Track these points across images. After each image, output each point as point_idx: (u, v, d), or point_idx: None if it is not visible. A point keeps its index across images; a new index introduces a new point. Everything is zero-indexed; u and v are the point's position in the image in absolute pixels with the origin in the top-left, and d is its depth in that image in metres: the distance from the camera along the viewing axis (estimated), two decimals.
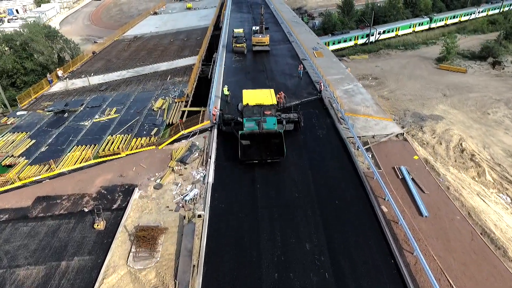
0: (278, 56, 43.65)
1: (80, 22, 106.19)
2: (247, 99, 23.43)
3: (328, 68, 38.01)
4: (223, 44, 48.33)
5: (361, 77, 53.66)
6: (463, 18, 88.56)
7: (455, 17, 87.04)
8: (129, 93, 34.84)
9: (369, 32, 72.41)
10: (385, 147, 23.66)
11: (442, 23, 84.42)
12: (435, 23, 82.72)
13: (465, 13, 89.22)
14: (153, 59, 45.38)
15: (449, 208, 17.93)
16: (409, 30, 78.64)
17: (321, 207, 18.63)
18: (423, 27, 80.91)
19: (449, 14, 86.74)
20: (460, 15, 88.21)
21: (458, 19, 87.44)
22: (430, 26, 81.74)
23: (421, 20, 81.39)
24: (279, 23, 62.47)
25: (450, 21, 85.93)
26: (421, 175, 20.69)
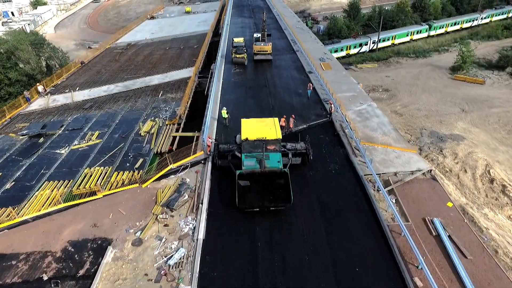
0: (282, 68, 39.88)
1: (76, 26, 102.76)
2: (247, 132, 19.62)
3: (338, 83, 34.21)
4: (222, 53, 44.60)
5: (371, 88, 49.81)
6: (465, 25, 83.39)
7: (456, 23, 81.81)
8: (115, 112, 31.14)
9: (377, 38, 68.56)
10: (410, 189, 19.84)
11: (442, 31, 79.37)
12: (435, 30, 77.67)
13: (466, 19, 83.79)
14: (145, 70, 41.69)
15: (503, 285, 14.11)
16: (406, 38, 73.60)
17: (338, 275, 14.86)
18: (421, 35, 75.84)
19: (450, 21, 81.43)
20: (462, 22, 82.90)
21: (459, 26, 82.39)
22: (429, 33, 76.84)
23: (419, 27, 76.15)
24: (283, 30, 58.71)
25: (451, 28, 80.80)
26: (459, 230, 16.87)
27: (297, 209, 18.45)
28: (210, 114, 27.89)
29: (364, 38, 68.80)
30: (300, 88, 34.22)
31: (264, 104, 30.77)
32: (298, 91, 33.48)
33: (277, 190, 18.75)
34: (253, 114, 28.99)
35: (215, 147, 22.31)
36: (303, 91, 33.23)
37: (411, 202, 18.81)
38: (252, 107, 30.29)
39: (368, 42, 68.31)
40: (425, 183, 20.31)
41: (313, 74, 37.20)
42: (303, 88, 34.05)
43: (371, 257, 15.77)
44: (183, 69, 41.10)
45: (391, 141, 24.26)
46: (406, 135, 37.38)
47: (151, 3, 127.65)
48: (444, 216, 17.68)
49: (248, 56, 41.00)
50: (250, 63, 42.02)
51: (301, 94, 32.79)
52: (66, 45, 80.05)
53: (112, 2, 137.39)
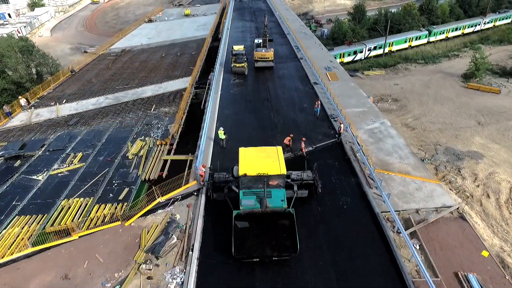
0: (285, 78, 37.08)
1: (73, 28, 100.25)
2: (246, 165, 16.75)
3: (346, 97, 31.39)
4: (221, 61, 41.82)
5: (379, 98, 46.95)
6: (467, 30, 79.41)
7: (458, 29, 77.80)
8: (102, 129, 28.41)
9: (384, 42, 65.64)
10: (437, 231, 17.00)
11: (442, 36, 75.31)
12: (435, 36, 73.55)
13: (469, 24, 79.72)
14: (138, 80, 38.98)
15: None
16: (405, 45, 69.62)
17: None
18: (420, 41, 71.77)
19: (451, 26, 77.37)
20: (463, 27, 78.81)
21: (461, 31, 78.44)
22: (429, 39, 72.81)
23: (418, 33, 71.87)
24: (285, 34, 55.93)
25: (452, 33, 76.77)
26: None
27: (304, 257, 15.68)
28: (206, 134, 25.10)
29: (359, 45, 64.73)
30: (305, 101, 31.45)
31: (266, 121, 27.98)
32: (303, 106, 30.68)
33: (280, 234, 15.99)
34: (253, 133, 26.32)
35: (209, 177, 19.54)
36: (308, 106, 30.45)
37: (439, 249, 15.98)
38: (252, 124, 27.53)
39: (363, 50, 64.32)
40: (453, 224, 17.46)
41: (318, 85, 34.38)
42: (308, 102, 31.30)
43: None
44: (179, 78, 38.37)
45: (409, 169, 21.41)
46: (419, 152, 34.52)
47: (151, 5, 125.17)
48: (480, 270, 14.86)
49: (248, 64, 38.30)
50: (251, 71, 39.30)
51: (306, 109, 30.00)
52: (62, 49, 77.70)
53: (111, 4, 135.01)
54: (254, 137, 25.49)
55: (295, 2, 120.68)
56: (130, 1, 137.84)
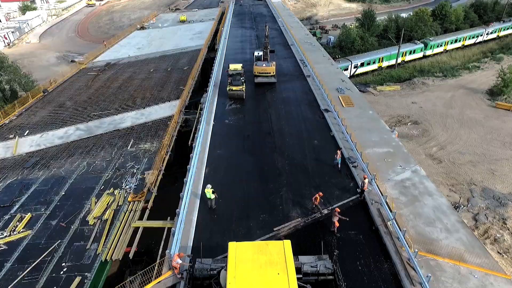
0: (290, 103, 31.47)
1: (64, 34, 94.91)
2: (237, 282, 11.08)
3: (365, 130, 25.78)
4: (215, 80, 36.25)
5: (397, 120, 41.28)
6: (468, 42, 71.94)
7: (458, 40, 70.11)
8: (64, 176, 22.85)
9: (398, 52, 59.95)
10: None
11: (440, 49, 67.47)
12: (431, 49, 65.72)
13: (470, 35, 72.15)
14: (119, 103, 33.45)
15: None
16: (398, 60, 61.67)
17: None
18: (415, 56, 63.85)
19: (449, 37, 69.14)
20: (464, 38, 71.14)
21: (461, 43, 70.92)
22: (424, 53, 65.13)
23: (413, 46, 63.69)
24: (289, 45, 50.37)
25: (451, 46, 69.05)
26: None
27: None
28: (190, 190, 19.49)
29: (343, 62, 56.54)
30: (316, 136, 25.86)
31: (268, 167, 22.35)
32: (313, 143, 25.07)
33: None
34: (252, 185, 20.71)
35: (188, 269, 13.99)
36: (320, 143, 24.90)
37: None
38: (251, 173, 21.91)
39: (348, 67, 56.37)
40: None
41: (330, 113, 28.77)
42: (320, 137, 25.73)
43: None
44: (166, 102, 32.79)
45: (461, 249, 15.76)
46: (451, 193, 28.83)
47: (148, 8, 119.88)
48: None
49: (247, 82, 32.77)
50: (251, 90, 33.84)
51: (317, 148, 24.40)
52: (47, 58, 72.32)
53: (107, 7, 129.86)
54: (252, 194, 19.90)
55: (298, 5, 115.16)
56: (126, 4, 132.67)
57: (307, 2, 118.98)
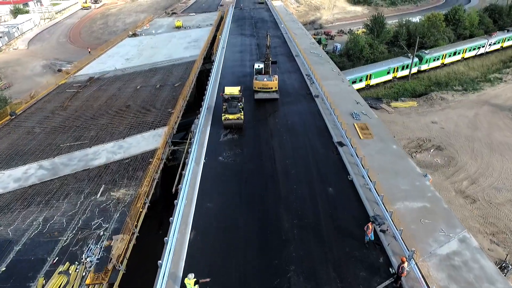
0: (297, 132, 26.48)
1: (55, 39, 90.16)
2: None
3: (390, 173, 20.85)
4: (209, 103, 31.32)
5: (417, 144, 36.27)
6: (468, 54, 64.08)
7: (457, 53, 62.04)
8: (13, 237, 17.95)
9: (411, 61, 54.90)
10: None
11: (437, 63, 59.65)
12: (427, 63, 58.13)
13: (471, 47, 63.97)
14: (96, 130, 28.56)
15: None
16: (388, 76, 54.08)
17: None
18: (407, 72, 55.74)
19: (447, 50, 60.71)
20: (464, 51, 62.95)
21: (461, 56, 63.05)
22: (419, 68, 57.55)
23: (405, 61, 55.23)
24: (293, 56, 45.44)
25: (449, 59, 61.25)
26: None
27: None
28: (167, 275, 14.55)
29: None
30: (330, 180, 20.98)
31: (272, 229, 17.39)
32: (327, 190, 20.11)
33: None
34: (250, 257, 15.76)
35: None
36: (336, 189, 19.98)
37: None
38: (248, 237, 16.98)
39: None
40: None
41: (346, 148, 23.81)
42: (335, 181, 20.93)
43: None
44: (150, 130, 27.86)
45: None
46: (493, 247, 23.80)
47: (144, 11, 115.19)
48: None
49: (247, 95, 28.05)
50: (250, 113, 28.93)
51: (333, 197, 19.43)
52: (33, 67, 67.47)
53: (102, 10, 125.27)
54: (249, 277, 14.95)
55: (301, 9, 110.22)
56: (122, 7, 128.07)
57: (310, 5, 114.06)
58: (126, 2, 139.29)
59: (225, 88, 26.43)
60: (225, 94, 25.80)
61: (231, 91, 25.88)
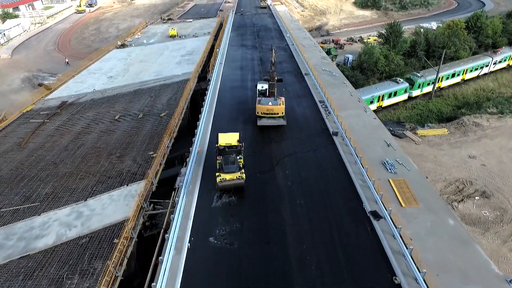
0: (316, 193, 19.95)
1: (42, 47, 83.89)
2: None
3: (455, 271, 14.40)
4: (200, 145, 24.81)
5: (456, 188, 29.69)
6: (470, 75, 54.89)
7: (456, 74, 52.47)
8: None
9: (436, 76, 48.30)
10: None
11: (431, 88, 50.26)
12: (420, 88, 49.17)
13: (473, 67, 54.52)
14: (52, 185, 22.15)
15: None
16: (371, 106, 43.74)
17: None
18: (397, 99, 46.86)
19: (444, 72, 51.33)
20: (464, 71, 53.64)
21: (461, 77, 53.94)
22: (410, 94, 48.58)
23: (393, 87, 46.29)
24: (303, 75, 38.93)
25: (447, 82, 52.26)
26: None
27: None
28: None
29: None
30: (368, 280, 14.42)
31: None
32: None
33: None
34: None
35: None
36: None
37: None
38: None
39: None
40: None
41: (384, 222, 17.27)
42: (374, 280, 14.30)
43: None
44: (122, 187, 21.39)
45: None
46: None
47: (140, 16, 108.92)
48: None
49: (245, 119, 22.02)
50: (251, 157, 22.56)
51: None
52: (11, 81, 61.06)
53: (96, 15, 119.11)
54: None
55: (305, 13, 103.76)
56: (118, 11, 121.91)
57: (315, 9, 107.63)
58: (122, 6, 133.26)
59: (218, 136, 19.82)
60: (220, 145, 19.25)
61: (227, 141, 19.31)
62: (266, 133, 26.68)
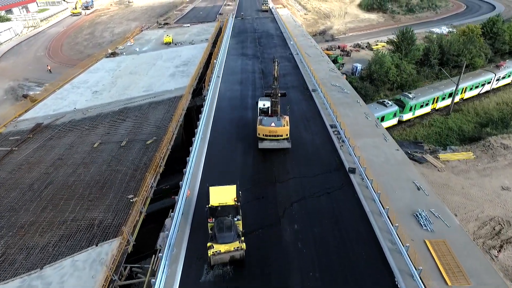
0: (335, 264, 15.66)
1: (32, 53, 79.78)
2: None
3: None
4: (184, 196, 20.52)
5: (492, 230, 25.36)
6: (470, 94, 48.10)
7: (453, 94, 44.67)
8: None
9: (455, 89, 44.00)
10: None
11: (426, 109, 43.57)
12: (412, 112, 42.21)
13: (473, 85, 47.43)
14: (5, 243, 17.88)
15: None
16: None
17: None
18: (385, 124, 39.24)
19: (440, 91, 44.05)
20: (463, 90, 46.67)
21: (459, 97, 46.89)
22: (401, 117, 41.95)
23: (381, 111, 39.35)
24: (310, 91, 34.73)
25: (443, 103, 45.04)
26: None
27: None
28: None
29: None
30: None
31: None
32: None
33: None
34: None
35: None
36: None
37: None
38: None
39: None
40: None
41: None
42: None
43: None
44: (90, 248, 17.14)
45: None
46: None
47: (136, 19, 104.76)
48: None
49: (245, 139, 18.49)
50: (251, 202, 18.46)
51: None
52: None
53: (92, 17, 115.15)
54: None
55: (309, 16, 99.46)
56: (114, 14, 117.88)
57: (319, 12, 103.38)
58: (120, 8, 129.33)
59: (210, 192, 15.43)
60: (212, 206, 14.93)
61: (221, 200, 14.96)
62: (269, 167, 22.53)
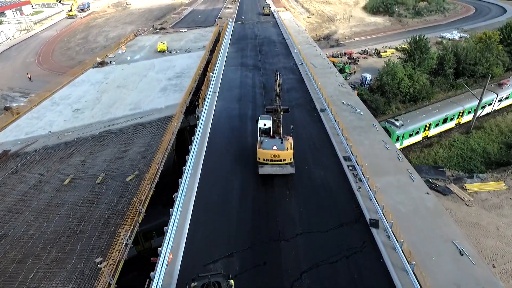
0: None
1: (21, 59, 75.88)
2: None
3: None
4: (166, 262, 16.44)
5: None
6: (467, 118, 42.22)
7: (449, 119, 40.24)
8: None
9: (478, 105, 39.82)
10: None
11: (417, 138, 38.70)
12: (400, 142, 37.01)
13: (470, 108, 41.37)
14: None
15: None
16: None
17: None
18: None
19: (433, 117, 38.90)
20: (460, 114, 41.19)
21: (455, 122, 41.61)
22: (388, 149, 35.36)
23: None
24: (317, 111, 30.60)
25: (437, 129, 40.04)
26: None
27: None
28: None
29: None
30: None
31: None
32: None
33: None
34: None
35: None
36: None
37: None
38: None
39: None
40: None
41: None
42: None
43: None
44: None
45: None
46: None
47: (133, 23, 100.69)
48: None
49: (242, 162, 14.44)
50: (247, 274, 14.39)
51: None
52: None
53: (87, 20, 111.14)
54: None
55: (312, 20, 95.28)
56: (110, 17, 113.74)
57: (322, 15, 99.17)
58: (117, 10, 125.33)
59: (197, 277, 11.38)
60: (199, 276, 10.89)
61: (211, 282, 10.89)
62: (272, 214, 18.42)
